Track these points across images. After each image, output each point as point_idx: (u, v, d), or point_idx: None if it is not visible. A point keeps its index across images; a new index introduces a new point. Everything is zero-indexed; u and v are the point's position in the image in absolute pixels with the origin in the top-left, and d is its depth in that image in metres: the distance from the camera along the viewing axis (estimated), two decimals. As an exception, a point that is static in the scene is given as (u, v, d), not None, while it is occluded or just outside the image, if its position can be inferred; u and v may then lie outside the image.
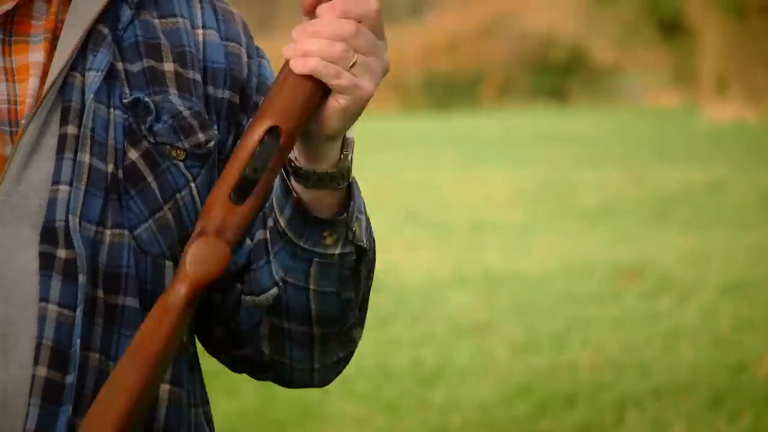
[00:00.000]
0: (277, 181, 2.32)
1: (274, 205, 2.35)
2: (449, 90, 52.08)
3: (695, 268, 14.33)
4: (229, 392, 9.87)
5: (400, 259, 14.91)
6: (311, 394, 9.10)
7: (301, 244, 2.33)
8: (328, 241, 2.37)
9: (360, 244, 2.34)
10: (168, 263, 2.45)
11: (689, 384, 10.31)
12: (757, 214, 18.30)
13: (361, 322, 2.48)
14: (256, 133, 2.26)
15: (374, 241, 2.46)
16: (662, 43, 52.44)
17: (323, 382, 2.52)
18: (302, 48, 2.24)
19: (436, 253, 15.83)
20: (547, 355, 11.20)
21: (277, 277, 2.38)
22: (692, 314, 12.29)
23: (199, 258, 2.28)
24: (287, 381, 2.51)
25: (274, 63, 2.60)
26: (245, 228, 2.31)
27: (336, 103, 2.20)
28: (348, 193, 2.35)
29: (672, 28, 49.56)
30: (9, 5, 2.31)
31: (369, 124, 42.33)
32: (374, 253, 2.41)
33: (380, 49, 2.25)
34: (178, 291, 2.26)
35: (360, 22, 2.21)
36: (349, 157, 2.32)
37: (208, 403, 2.52)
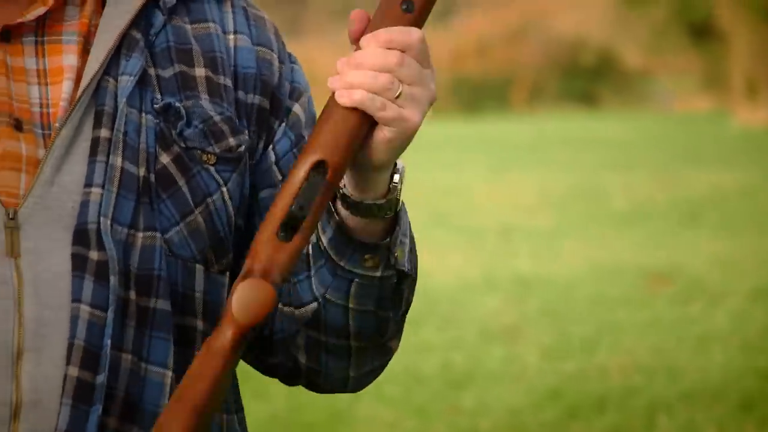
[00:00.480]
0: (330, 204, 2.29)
1: (320, 223, 2.34)
2: (479, 94, 52.11)
3: (725, 273, 14.22)
4: (259, 395, 9.78)
5: (429, 263, 14.49)
6: (341, 398, 8.79)
7: (342, 264, 2.31)
8: (369, 264, 2.36)
9: (401, 268, 2.34)
10: (198, 267, 2.43)
11: (719, 389, 10.24)
12: None
13: (399, 334, 2.47)
14: (302, 169, 2.27)
15: (417, 261, 2.44)
16: (692, 47, 52.49)
17: (357, 389, 2.52)
18: (347, 80, 2.21)
19: (465, 257, 15.86)
20: (577, 359, 11.13)
21: (317, 293, 2.38)
22: (722, 319, 12.18)
23: (246, 301, 2.27)
24: (320, 387, 2.50)
25: (305, 65, 2.65)
26: (293, 266, 2.30)
27: (383, 135, 2.20)
28: (394, 218, 2.36)
29: (702, 32, 49.50)
30: (42, 10, 2.30)
31: None
32: (416, 274, 2.41)
33: (426, 79, 2.23)
34: (225, 335, 2.28)
35: (404, 52, 2.21)
36: (399, 188, 2.33)
37: (242, 409, 2.50)
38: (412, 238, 2.43)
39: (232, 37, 2.55)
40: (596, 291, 13.67)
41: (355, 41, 2.30)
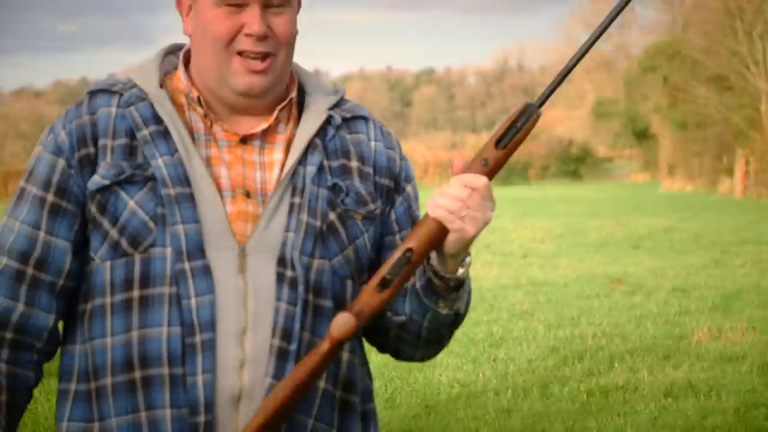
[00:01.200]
0: (425, 265, 2.36)
1: (418, 272, 2.39)
2: (510, 171, 52.80)
3: (655, 277, 14.68)
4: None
5: (479, 273, 15.03)
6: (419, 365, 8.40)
7: (425, 302, 2.38)
8: (441, 305, 2.39)
9: (458, 311, 2.42)
10: (349, 281, 2.45)
11: (650, 347, 9.63)
12: (692, 246, 19.43)
13: (450, 338, 2.54)
14: (399, 251, 2.28)
15: (470, 303, 2.50)
16: (637, 144, 55.08)
17: (422, 361, 2.61)
18: (436, 202, 2.28)
19: (501, 269, 15.75)
20: (567, 329, 10.62)
21: (407, 311, 2.43)
22: (653, 306, 12.12)
23: (340, 326, 2.25)
24: (399, 358, 2.59)
25: (407, 155, 2.62)
26: (380, 309, 2.29)
27: (451, 237, 2.26)
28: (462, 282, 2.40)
29: (642, 136, 50.92)
30: (265, 125, 2.42)
31: None
32: (467, 311, 2.48)
33: (485, 207, 2.28)
34: (324, 343, 2.27)
35: (474, 190, 2.26)
36: (460, 271, 2.34)
37: (368, 363, 2.55)
38: (470, 291, 2.47)
39: (373, 143, 2.53)
40: (579, 289, 13.54)
41: (455, 174, 2.33)
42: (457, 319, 2.43)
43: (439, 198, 2.24)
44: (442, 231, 2.25)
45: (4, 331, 2.31)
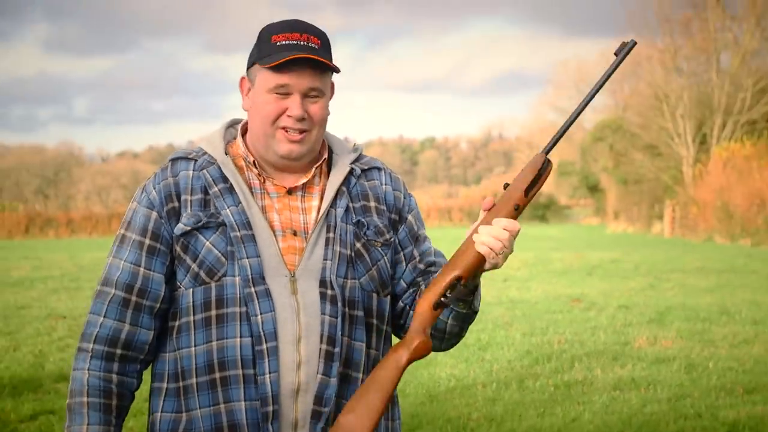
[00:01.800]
0: None
1: None
2: None
3: (605, 297, 14.48)
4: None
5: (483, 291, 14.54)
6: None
7: (450, 304, 2.36)
8: (461, 306, 2.39)
9: (475, 309, 2.44)
10: (374, 294, 2.46)
11: (602, 350, 9.43)
12: (633, 273, 19.12)
13: (467, 329, 2.51)
14: (449, 276, 2.30)
15: (479, 303, 2.45)
16: (590, 195, 54.49)
17: (445, 350, 2.54)
18: (482, 239, 2.29)
19: (486, 290, 14.91)
20: (538, 337, 10.43)
21: None
22: (604, 319, 11.92)
23: (419, 349, 2.28)
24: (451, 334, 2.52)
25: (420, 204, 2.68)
26: (434, 322, 2.32)
27: (487, 266, 2.31)
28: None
29: (594, 189, 50.67)
30: (305, 179, 2.45)
31: (460, 231, 42.20)
32: (479, 309, 2.45)
33: (513, 245, 2.31)
34: (402, 356, 2.30)
35: (511, 233, 2.29)
36: (477, 280, 2.36)
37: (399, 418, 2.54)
38: (480, 295, 2.46)
39: (384, 187, 2.55)
40: (547, 306, 13.32)
41: (484, 210, 2.35)
42: (473, 315, 2.45)
43: (484, 237, 2.29)
44: (482, 262, 2.29)
45: (114, 348, 2.38)
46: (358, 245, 2.43)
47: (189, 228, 2.36)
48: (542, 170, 2.31)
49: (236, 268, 2.33)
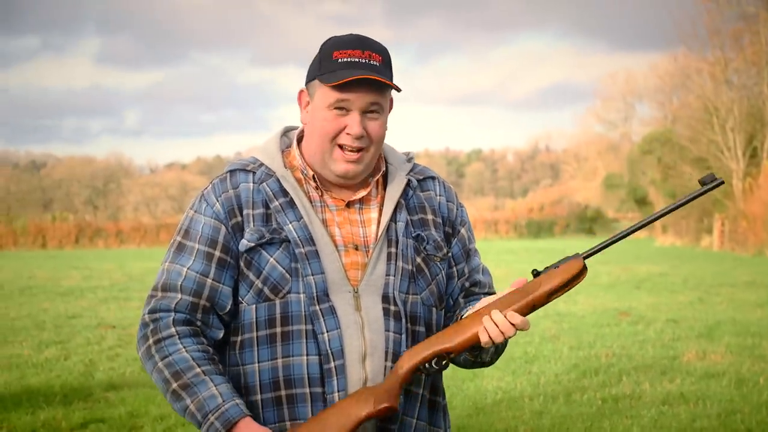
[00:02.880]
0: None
1: None
2: (539, 228, 52.07)
3: (653, 311, 14.42)
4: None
5: None
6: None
7: (471, 356, 2.41)
8: (483, 356, 2.42)
9: (498, 351, 2.43)
10: (434, 309, 2.45)
11: (650, 364, 9.37)
12: (681, 287, 18.99)
13: (497, 359, 2.48)
14: (441, 346, 2.27)
15: (505, 344, 2.41)
16: (638, 209, 53.68)
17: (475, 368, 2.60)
18: (489, 327, 2.26)
19: None
20: (585, 350, 10.40)
21: (460, 359, 2.44)
22: (652, 332, 11.82)
23: (381, 411, 2.20)
24: (463, 368, 2.72)
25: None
26: (410, 381, 2.32)
27: (483, 345, 2.30)
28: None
29: (642, 202, 49.94)
30: (363, 193, 2.44)
31: (505, 243, 41.91)
32: (505, 347, 2.42)
33: (513, 334, 2.27)
34: (362, 410, 2.20)
35: (517, 328, 2.26)
36: (484, 358, 2.39)
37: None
38: (501, 352, 2.45)
39: (438, 197, 2.53)
40: (594, 320, 13.26)
41: (512, 287, 2.31)
42: (497, 354, 2.45)
43: (491, 327, 2.25)
44: (478, 342, 2.27)
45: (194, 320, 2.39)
46: (419, 260, 2.41)
47: (253, 244, 2.34)
48: (576, 277, 2.27)
49: (301, 285, 2.31)
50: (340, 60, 2.32)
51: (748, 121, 39.92)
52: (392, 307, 2.33)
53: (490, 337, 2.26)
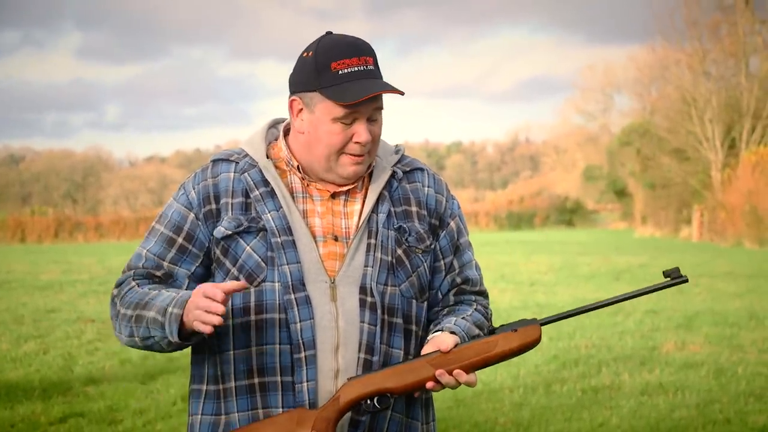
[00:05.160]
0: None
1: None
2: (519, 220, 52.31)
3: (633, 302, 13.76)
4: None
5: (496, 297, 14.85)
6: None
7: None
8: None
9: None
10: (414, 301, 2.44)
11: (629, 354, 9.45)
12: (661, 278, 17.67)
13: None
14: (384, 385, 2.25)
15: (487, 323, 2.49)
16: (617, 200, 54.03)
17: None
18: (443, 380, 2.26)
19: (513, 294, 15.46)
20: (565, 341, 10.45)
21: None
22: (631, 323, 11.89)
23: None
24: None
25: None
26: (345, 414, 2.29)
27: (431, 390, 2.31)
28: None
29: (621, 193, 50.38)
30: (349, 186, 2.43)
31: (486, 235, 42.12)
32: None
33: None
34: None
35: (462, 383, 2.27)
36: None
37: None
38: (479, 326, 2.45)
39: (426, 189, 2.51)
40: None
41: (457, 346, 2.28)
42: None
43: (443, 380, 2.25)
44: (423, 387, 2.26)
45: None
46: (399, 251, 2.40)
47: (230, 232, 2.35)
48: (531, 345, 2.30)
49: (276, 274, 2.32)
50: (341, 72, 2.32)
51: (726, 112, 40.04)
52: (369, 299, 2.33)
53: (435, 386, 2.27)
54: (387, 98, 2.37)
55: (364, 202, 2.44)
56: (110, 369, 8.82)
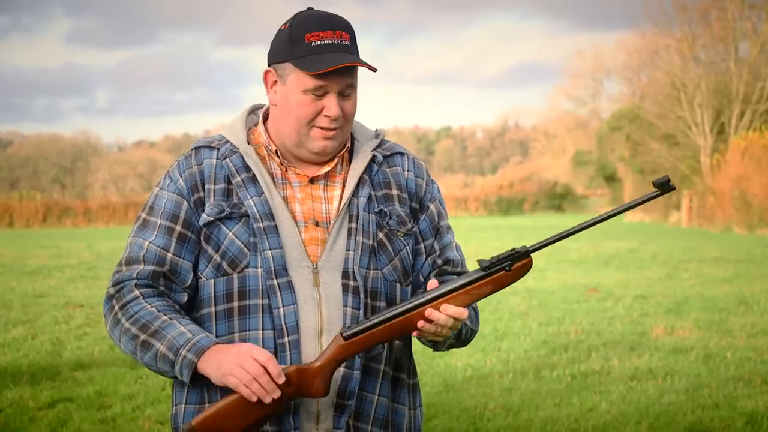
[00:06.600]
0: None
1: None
2: (509, 205, 52.23)
3: (622, 287, 14.45)
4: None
5: None
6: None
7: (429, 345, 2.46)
8: (440, 344, 2.43)
9: (460, 338, 2.44)
10: (397, 284, 2.45)
11: (619, 340, 9.46)
12: (650, 263, 19.10)
13: (467, 344, 2.51)
14: (377, 339, 2.22)
15: (476, 324, 2.49)
16: (606, 185, 53.98)
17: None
18: (425, 326, 2.25)
19: None
20: (555, 327, 10.47)
21: (424, 343, 2.45)
22: (620, 308, 11.91)
23: (313, 393, 2.20)
24: (437, 350, 2.52)
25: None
26: (346, 358, 2.23)
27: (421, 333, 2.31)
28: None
29: (610, 179, 50.19)
30: (327, 169, 2.44)
31: (475, 220, 42.08)
32: (473, 332, 2.48)
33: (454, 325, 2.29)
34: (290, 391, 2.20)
35: (457, 319, 2.26)
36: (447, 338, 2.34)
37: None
38: (472, 319, 2.48)
39: (406, 173, 2.52)
40: (563, 296, 13.34)
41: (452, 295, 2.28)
42: (460, 338, 2.44)
43: (431, 326, 2.24)
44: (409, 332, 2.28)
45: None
46: (381, 235, 2.40)
47: (212, 218, 2.35)
48: (525, 274, 2.31)
49: (259, 259, 2.31)
50: (313, 43, 2.31)
51: (715, 97, 40.11)
52: (351, 283, 2.33)
53: (431, 335, 2.26)
54: (377, 84, 2.44)
55: (344, 186, 2.44)
56: (99, 354, 8.82)
